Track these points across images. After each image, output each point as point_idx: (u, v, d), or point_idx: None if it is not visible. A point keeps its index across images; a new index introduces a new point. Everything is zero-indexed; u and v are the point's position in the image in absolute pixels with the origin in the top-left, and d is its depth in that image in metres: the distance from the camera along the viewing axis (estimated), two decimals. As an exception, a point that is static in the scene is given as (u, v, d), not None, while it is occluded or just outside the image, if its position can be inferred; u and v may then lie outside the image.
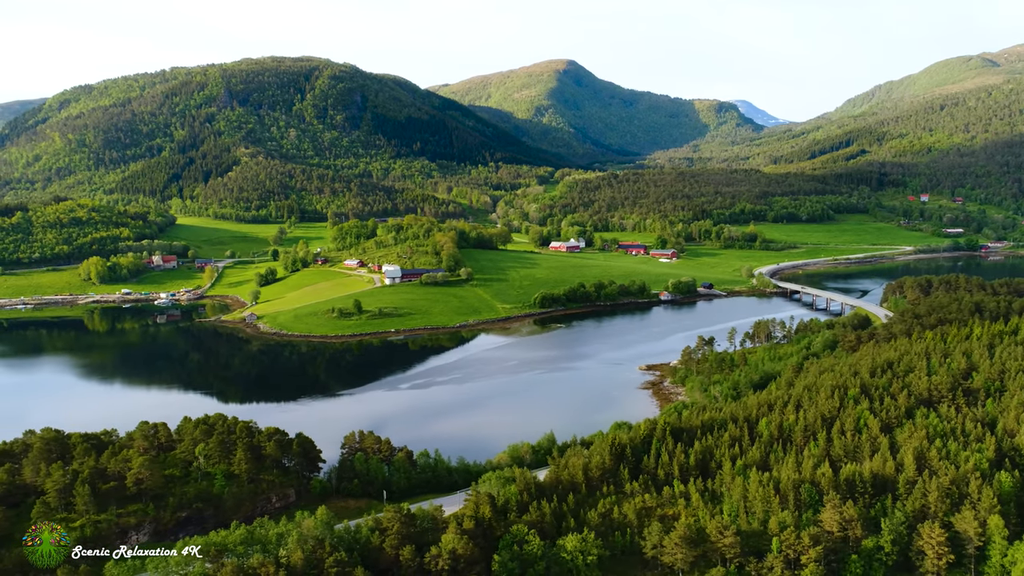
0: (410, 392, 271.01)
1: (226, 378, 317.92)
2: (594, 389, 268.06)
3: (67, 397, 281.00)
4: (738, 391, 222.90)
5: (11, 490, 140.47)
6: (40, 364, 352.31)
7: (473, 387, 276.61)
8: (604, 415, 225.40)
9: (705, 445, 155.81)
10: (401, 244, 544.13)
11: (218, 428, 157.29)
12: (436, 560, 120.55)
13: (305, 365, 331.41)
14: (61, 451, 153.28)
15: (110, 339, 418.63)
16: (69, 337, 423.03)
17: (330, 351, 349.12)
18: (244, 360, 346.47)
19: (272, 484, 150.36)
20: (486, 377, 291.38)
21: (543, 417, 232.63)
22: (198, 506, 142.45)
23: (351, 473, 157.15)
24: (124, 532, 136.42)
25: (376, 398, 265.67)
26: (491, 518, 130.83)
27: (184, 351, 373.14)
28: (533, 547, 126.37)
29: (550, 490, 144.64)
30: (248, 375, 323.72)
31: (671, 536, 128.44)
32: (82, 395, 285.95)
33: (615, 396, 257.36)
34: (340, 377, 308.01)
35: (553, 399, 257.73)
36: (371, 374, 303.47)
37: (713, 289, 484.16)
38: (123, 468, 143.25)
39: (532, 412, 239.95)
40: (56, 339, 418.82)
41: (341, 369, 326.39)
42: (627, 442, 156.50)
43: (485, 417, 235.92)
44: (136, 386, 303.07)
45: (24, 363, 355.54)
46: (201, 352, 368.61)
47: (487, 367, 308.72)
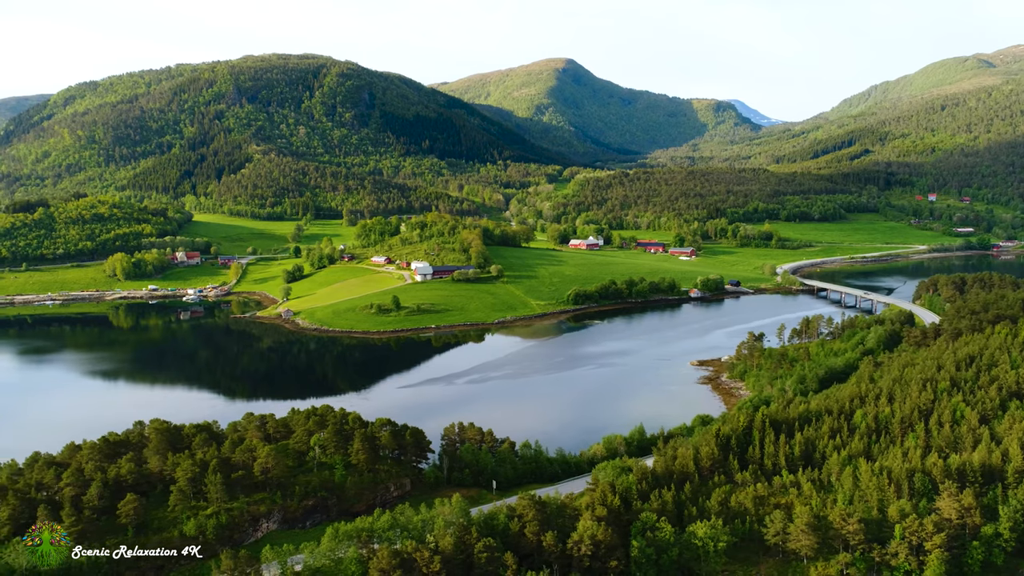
0: (469, 387, 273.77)
1: (282, 372, 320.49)
2: (653, 384, 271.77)
3: (132, 392, 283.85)
4: (805, 386, 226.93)
5: (139, 479, 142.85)
6: (98, 360, 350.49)
7: (530, 382, 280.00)
8: (673, 409, 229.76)
9: (807, 436, 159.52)
10: (426, 241, 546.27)
11: (329, 419, 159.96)
12: (578, 546, 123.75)
13: (355, 360, 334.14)
14: (176, 441, 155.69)
15: (145, 335, 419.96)
16: (108, 334, 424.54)
17: (374, 346, 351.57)
18: (294, 355, 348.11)
19: (389, 473, 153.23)
20: (539, 372, 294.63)
21: (613, 411, 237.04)
22: (322, 495, 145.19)
23: (461, 463, 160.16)
24: (256, 520, 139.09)
25: (436, 392, 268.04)
26: (620, 506, 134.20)
27: (230, 347, 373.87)
28: (665, 534, 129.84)
29: (665, 479, 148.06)
30: (302, 369, 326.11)
31: (796, 523, 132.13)
32: (145, 390, 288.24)
33: (676, 391, 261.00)
34: (393, 372, 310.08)
35: (616, 393, 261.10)
36: (423, 369, 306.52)
37: (740, 286, 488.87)
38: (247, 458, 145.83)
39: (600, 406, 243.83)
40: (93, 336, 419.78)
41: (391, 364, 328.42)
42: (731, 433, 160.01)
43: (554, 411, 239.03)
44: (192, 380, 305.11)
45: (85, 358, 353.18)
46: (247, 348, 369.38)
47: (536, 362, 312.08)
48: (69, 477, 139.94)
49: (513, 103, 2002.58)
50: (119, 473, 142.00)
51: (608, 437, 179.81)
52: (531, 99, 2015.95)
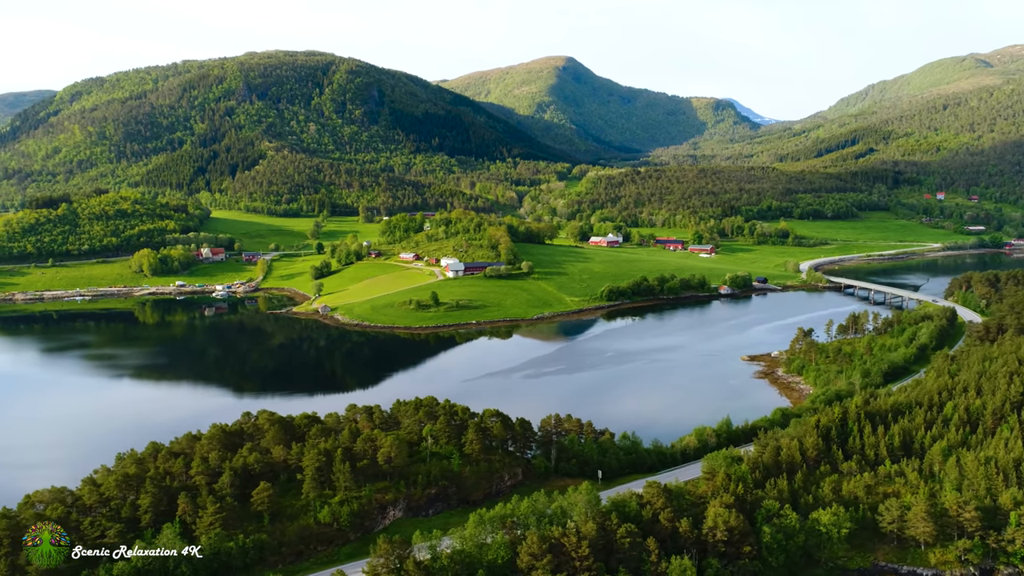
0: (527, 381, 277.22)
1: (342, 367, 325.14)
2: (712, 378, 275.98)
3: (211, 387, 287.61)
4: (870, 379, 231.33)
5: (265, 469, 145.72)
6: (156, 354, 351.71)
7: (586, 376, 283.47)
8: (739, 402, 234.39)
9: (904, 427, 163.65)
10: (452, 238, 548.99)
11: (438, 410, 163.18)
12: (713, 532, 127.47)
13: (406, 355, 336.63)
14: (289, 432, 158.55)
15: (190, 331, 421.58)
16: (149, 330, 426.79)
17: (418, 342, 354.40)
18: (347, 351, 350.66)
19: (502, 463, 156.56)
20: (593, 367, 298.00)
21: (682, 404, 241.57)
22: (443, 484, 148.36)
23: (568, 453, 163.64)
24: (383, 508, 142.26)
25: (497, 386, 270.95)
26: (744, 493, 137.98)
27: (279, 342, 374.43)
28: (791, 520, 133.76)
29: (774, 469, 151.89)
30: (360, 364, 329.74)
31: (914, 511, 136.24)
32: (221, 383, 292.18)
33: (735, 385, 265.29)
34: (447, 366, 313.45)
35: (678, 387, 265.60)
36: (477, 364, 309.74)
37: (767, 283, 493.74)
38: (368, 448, 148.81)
39: (667, 399, 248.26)
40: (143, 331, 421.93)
41: (443, 359, 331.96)
42: (830, 424, 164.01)
43: (624, 404, 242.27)
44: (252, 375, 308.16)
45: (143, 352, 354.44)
46: (302, 343, 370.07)
47: (587, 358, 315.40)
48: (199, 466, 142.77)
49: (514, 101, 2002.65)
50: (246, 462, 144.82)
51: (698, 429, 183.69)
52: (532, 97, 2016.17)
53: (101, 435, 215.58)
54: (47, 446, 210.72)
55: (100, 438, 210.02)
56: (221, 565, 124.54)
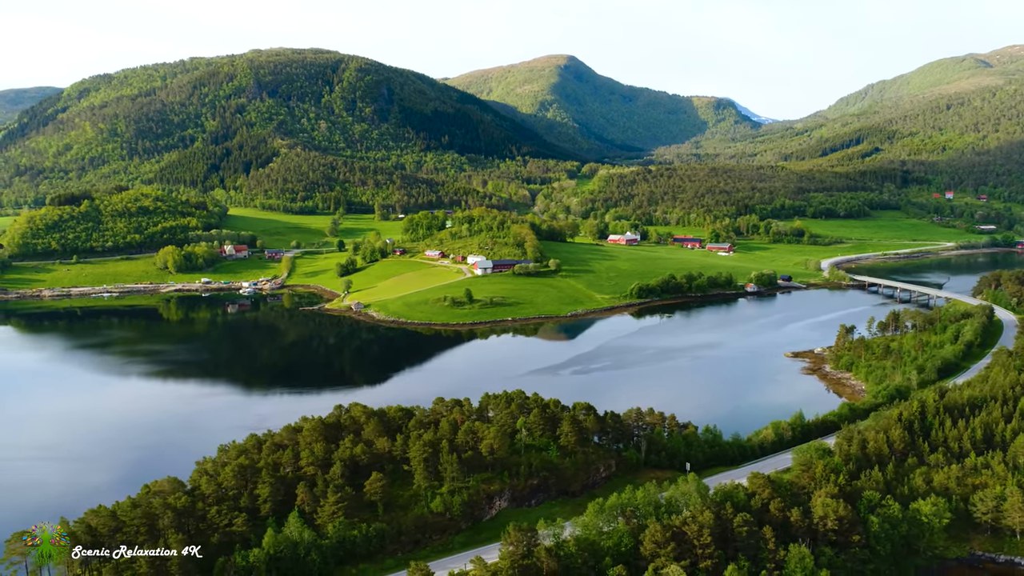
0: (576, 377, 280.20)
1: (386, 362, 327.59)
2: (761, 375, 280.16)
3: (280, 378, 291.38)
4: (925, 375, 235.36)
5: (370, 460, 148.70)
6: (196, 350, 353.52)
7: (634, 372, 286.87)
8: (795, 397, 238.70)
9: (983, 420, 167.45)
10: (476, 236, 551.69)
11: (531, 404, 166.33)
12: (824, 521, 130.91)
13: (444, 351, 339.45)
14: (386, 424, 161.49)
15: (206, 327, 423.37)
16: (176, 327, 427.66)
17: (456, 338, 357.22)
18: (392, 347, 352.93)
19: (597, 455, 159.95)
20: (638, 364, 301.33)
21: (741, 398, 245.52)
22: (544, 475, 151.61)
23: (657, 446, 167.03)
24: (490, 498, 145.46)
25: (546, 383, 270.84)
26: (845, 484, 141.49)
27: (325, 338, 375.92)
28: (894, 511, 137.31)
29: (864, 461, 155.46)
30: (407, 359, 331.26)
31: (1010, 502, 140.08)
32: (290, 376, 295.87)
33: (785, 381, 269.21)
34: (489, 363, 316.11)
35: (730, 383, 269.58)
36: (520, 361, 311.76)
37: (792, 281, 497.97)
38: (470, 439, 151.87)
39: (724, 394, 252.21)
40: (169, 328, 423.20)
41: (485, 356, 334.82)
42: (912, 418, 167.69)
43: (682, 399, 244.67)
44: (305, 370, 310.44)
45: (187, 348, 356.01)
46: (348, 339, 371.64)
47: (629, 355, 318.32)
48: (308, 457, 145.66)
49: (516, 99, 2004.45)
50: (353, 453, 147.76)
51: (774, 423, 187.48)
52: (534, 95, 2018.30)
53: (201, 430, 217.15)
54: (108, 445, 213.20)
55: (201, 432, 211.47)
56: (346, 552, 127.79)
